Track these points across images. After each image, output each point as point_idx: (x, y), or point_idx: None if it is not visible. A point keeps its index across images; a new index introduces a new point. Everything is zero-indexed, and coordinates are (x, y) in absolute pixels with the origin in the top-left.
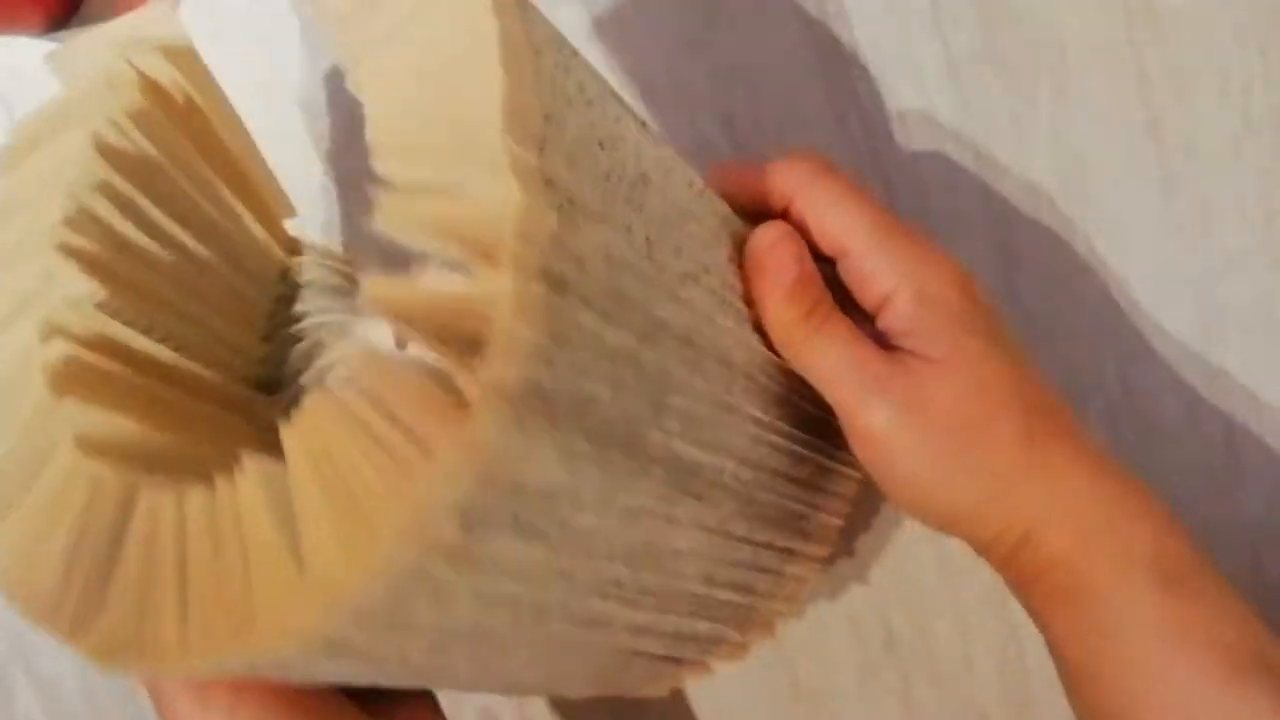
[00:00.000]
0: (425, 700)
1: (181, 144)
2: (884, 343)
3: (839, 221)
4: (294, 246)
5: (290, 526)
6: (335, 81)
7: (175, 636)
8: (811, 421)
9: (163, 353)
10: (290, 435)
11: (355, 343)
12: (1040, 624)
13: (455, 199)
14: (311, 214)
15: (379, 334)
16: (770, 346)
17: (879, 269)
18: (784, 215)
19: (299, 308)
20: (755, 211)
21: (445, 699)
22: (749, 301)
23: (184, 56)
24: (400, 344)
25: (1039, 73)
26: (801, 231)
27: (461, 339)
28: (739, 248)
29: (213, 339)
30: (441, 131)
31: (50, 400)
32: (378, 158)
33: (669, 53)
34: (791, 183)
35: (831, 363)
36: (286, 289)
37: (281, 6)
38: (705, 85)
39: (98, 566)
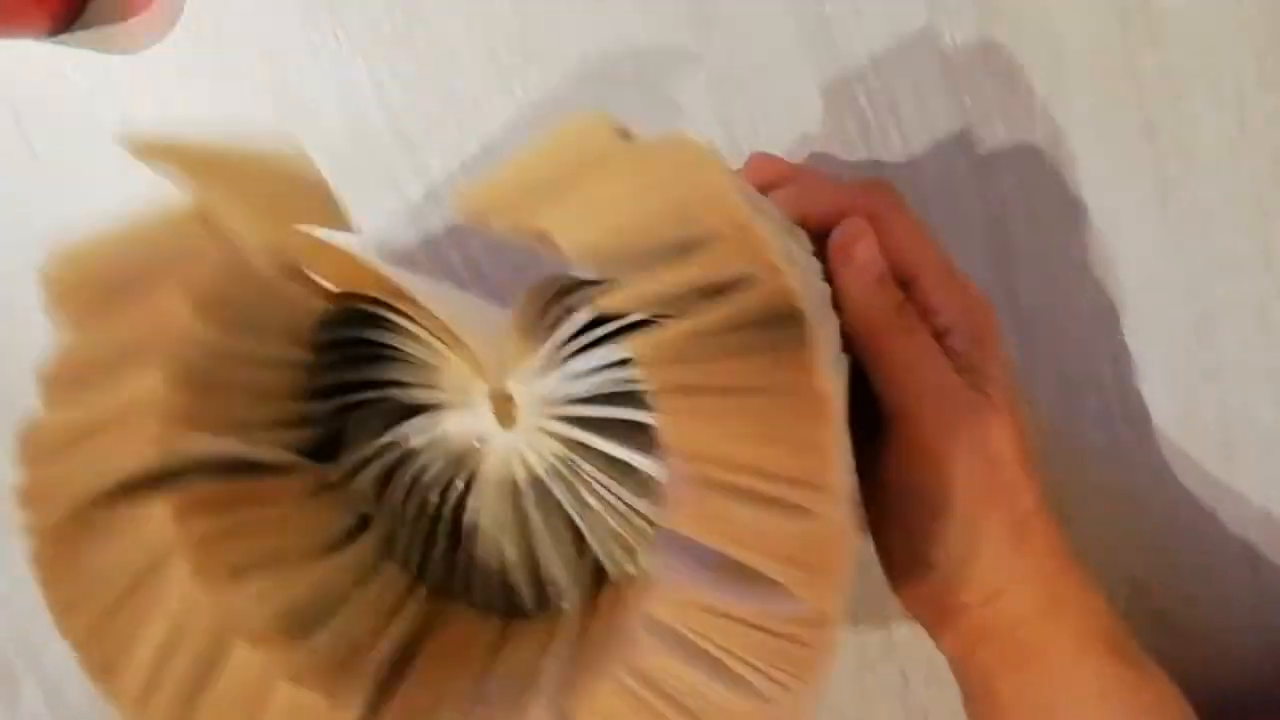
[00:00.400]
0: None
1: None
2: None
3: (914, 252)
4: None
5: None
6: (340, 88)
7: None
8: None
9: (264, 479)
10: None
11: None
12: (979, 682)
13: (765, 509)
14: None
15: (480, 424)
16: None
17: (944, 303)
18: None
19: (352, 372)
20: (820, 226)
21: None
22: None
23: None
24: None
25: (1035, 75)
26: None
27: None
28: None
29: (274, 420)
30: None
31: (199, 586)
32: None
33: (667, 57)
34: (873, 207)
35: (921, 370)
36: (325, 336)
37: (288, 18)
38: (703, 89)
39: None
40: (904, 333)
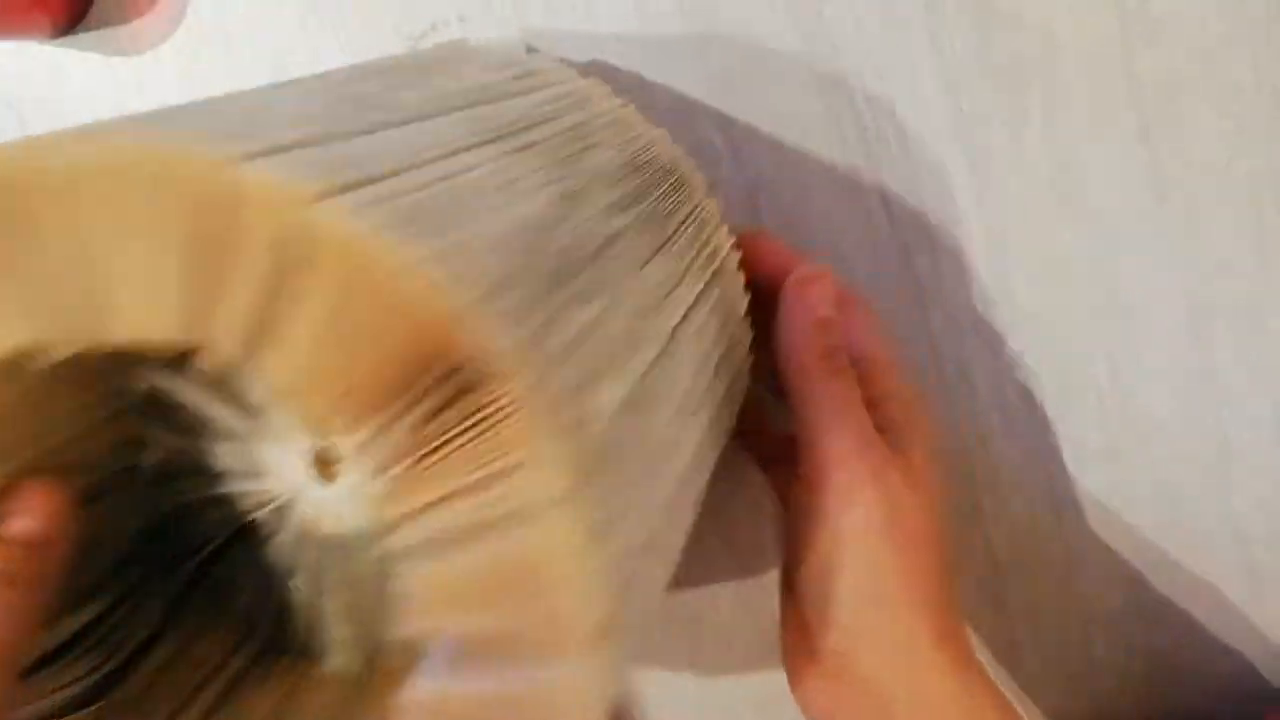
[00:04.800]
0: None
1: None
2: None
3: (871, 338)
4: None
5: None
6: None
7: None
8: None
9: None
10: None
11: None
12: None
13: None
14: None
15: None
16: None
17: (885, 382)
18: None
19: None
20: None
21: None
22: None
23: None
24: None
25: (1032, 78)
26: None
27: None
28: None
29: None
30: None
31: None
32: None
33: (669, 59)
34: (841, 287)
35: (840, 417)
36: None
37: (290, 20)
38: (704, 91)
39: None
40: (831, 374)
